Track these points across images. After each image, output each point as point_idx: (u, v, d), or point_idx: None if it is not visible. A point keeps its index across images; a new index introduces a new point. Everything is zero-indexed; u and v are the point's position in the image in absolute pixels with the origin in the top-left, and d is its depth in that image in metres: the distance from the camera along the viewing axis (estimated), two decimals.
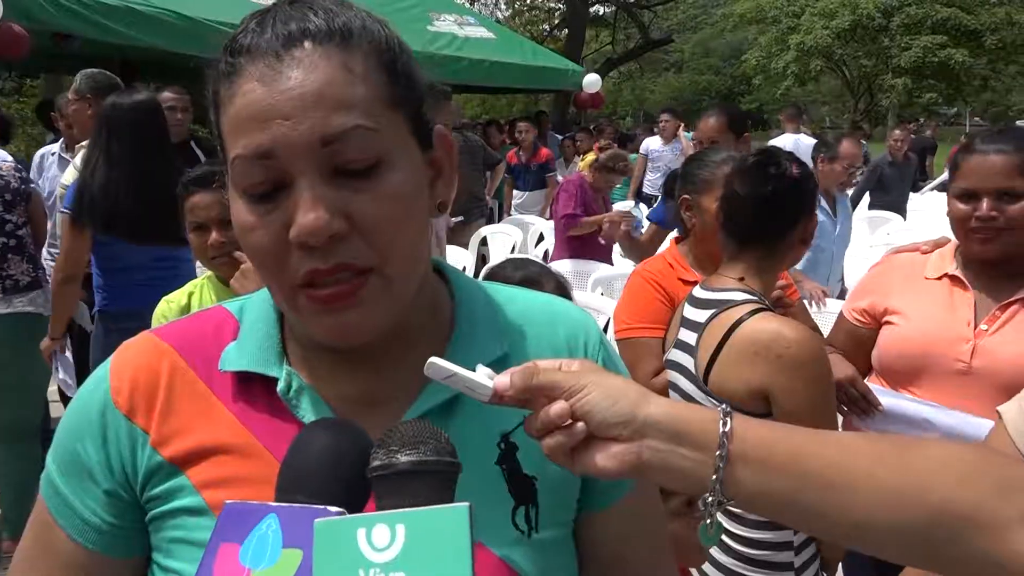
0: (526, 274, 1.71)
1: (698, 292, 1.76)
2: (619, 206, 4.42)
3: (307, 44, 0.65)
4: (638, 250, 3.62)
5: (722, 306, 1.64)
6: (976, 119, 37.83)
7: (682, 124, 8.49)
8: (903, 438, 0.71)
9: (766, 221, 1.69)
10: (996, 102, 35.65)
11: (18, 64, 3.75)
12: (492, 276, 1.77)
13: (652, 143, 8.34)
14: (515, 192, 8.02)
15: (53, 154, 4.52)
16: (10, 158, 3.37)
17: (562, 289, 1.69)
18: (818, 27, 25.15)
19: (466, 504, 0.58)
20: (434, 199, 0.73)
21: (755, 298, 1.64)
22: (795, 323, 1.60)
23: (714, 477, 0.65)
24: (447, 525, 0.57)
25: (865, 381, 1.90)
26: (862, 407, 1.82)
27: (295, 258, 0.65)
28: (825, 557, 1.73)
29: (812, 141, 6.67)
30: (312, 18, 0.66)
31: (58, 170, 4.31)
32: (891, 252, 2.05)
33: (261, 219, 0.65)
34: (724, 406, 0.67)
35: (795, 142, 6.34)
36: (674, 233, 2.53)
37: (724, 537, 1.70)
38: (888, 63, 25.12)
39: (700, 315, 1.69)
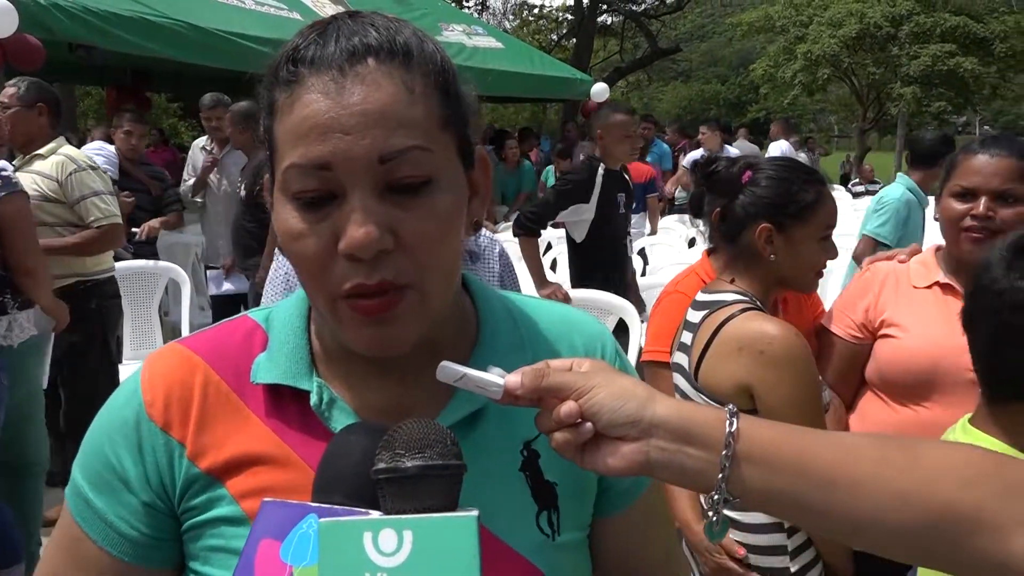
0: None
1: (699, 296, 1.79)
2: None
3: (370, 61, 0.66)
4: None
5: (714, 306, 1.67)
6: (986, 128, 37.65)
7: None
8: (909, 439, 0.71)
9: (727, 223, 1.76)
10: (1006, 111, 35.49)
11: (31, 75, 3.72)
12: None
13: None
14: None
15: (202, 148, 5.48)
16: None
17: None
18: (825, 36, 25.08)
19: (474, 513, 0.58)
20: (470, 217, 0.74)
21: (746, 298, 1.67)
22: (781, 322, 1.61)
23: (720, 476, 0.65)
24: (455, 534, 0.57)
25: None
26: None
27: (340, 268, 0.66)
28: (828, 563, 1.71)
29: (791, 149, 7.23)
30: (373, 34, 0.67)
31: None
32: (868, 263, 2.03)
33: (311, 227, 0.66)
34: (731, 406, 0.68)
35: (781, 149, 6.65)
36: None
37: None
38: (897, 72, 25.00)
39: (696, 316, 1.72)
